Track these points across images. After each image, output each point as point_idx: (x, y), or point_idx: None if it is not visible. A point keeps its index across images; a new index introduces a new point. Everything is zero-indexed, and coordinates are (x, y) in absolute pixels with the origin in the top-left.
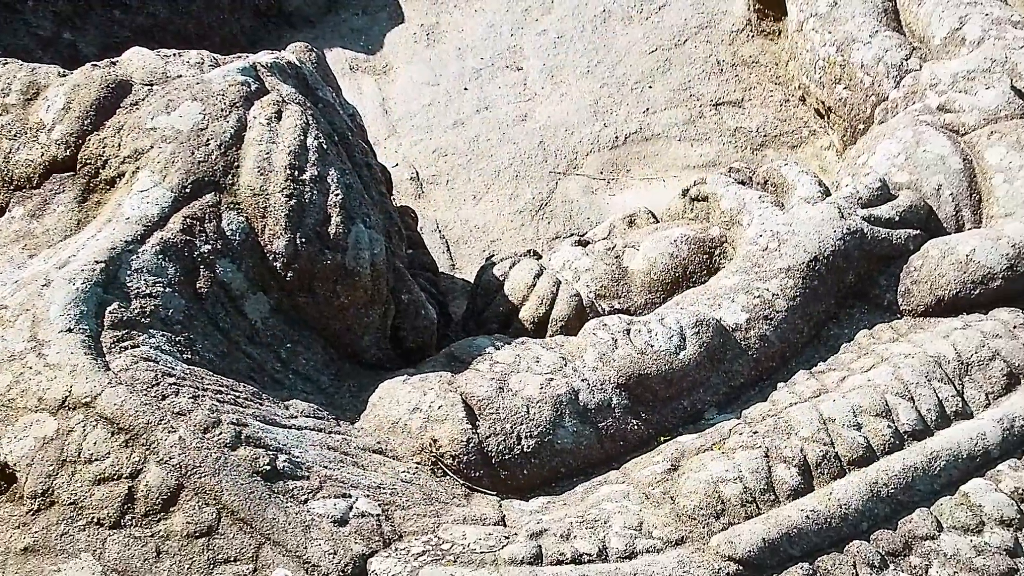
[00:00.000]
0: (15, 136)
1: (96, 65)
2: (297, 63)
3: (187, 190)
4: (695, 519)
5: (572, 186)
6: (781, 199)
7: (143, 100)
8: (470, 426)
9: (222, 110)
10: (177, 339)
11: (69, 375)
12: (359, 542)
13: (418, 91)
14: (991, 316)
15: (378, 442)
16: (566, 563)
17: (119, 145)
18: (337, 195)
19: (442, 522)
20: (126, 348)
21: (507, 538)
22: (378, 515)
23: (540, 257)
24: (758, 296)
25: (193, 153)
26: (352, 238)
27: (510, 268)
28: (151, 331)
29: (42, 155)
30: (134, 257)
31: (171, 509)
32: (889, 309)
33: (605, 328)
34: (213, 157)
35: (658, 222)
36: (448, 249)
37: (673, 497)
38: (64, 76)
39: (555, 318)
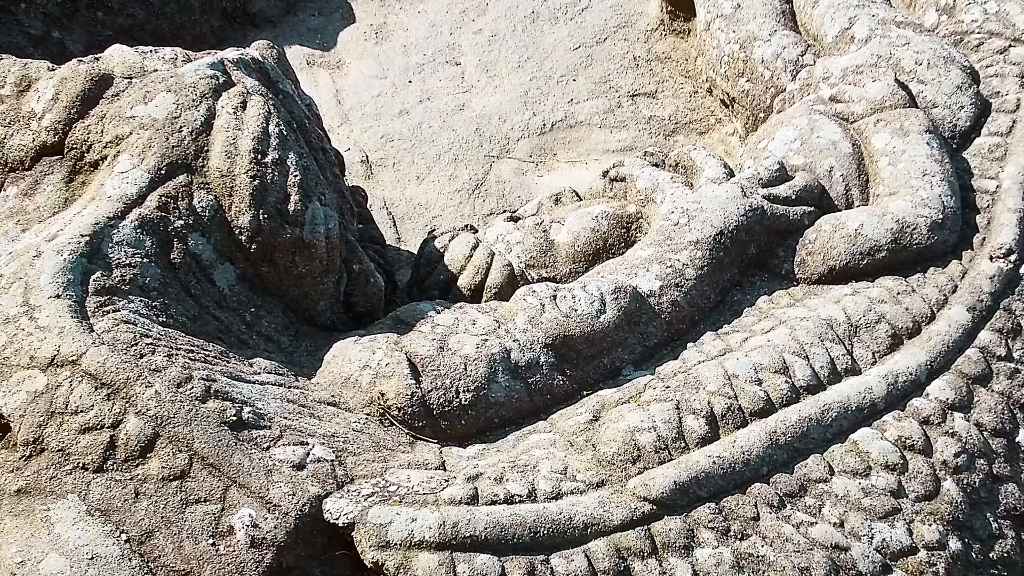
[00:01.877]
0: (9, 124)
1: (81, 60)
2: (260, 59)
3: (162, 172)
4: (614, 464)
5: (505, 168)
6: (690, 180)
7: (123, 92)
8: (414, 381)
9: (193, 100)
10: (153, 304)
11: (57, 336)
12: (315, 484)
13: (368, 84)
14: (877, 284)
15: (332, 396)
16: (499, 503)
17: (102, 132)
18: (296, 176)
19: (389, 467)
20: (108, 312)
21: (447, 481)
22: (332, 460)
23: (476, 231)
24: (670, 266)
25: (168, 139)
26: (309, 214)
27: (449, 241)
28: (130, 297)
29: (33, 140)
30: (115, 231)
31: (148, 455)
32: (787, 277)
33: (534, 294)
34: (185, 142)
35: (581, 200)
36: (394, 224)
37: (594, 444)
38: (53, 70)
39: (489, 285)
